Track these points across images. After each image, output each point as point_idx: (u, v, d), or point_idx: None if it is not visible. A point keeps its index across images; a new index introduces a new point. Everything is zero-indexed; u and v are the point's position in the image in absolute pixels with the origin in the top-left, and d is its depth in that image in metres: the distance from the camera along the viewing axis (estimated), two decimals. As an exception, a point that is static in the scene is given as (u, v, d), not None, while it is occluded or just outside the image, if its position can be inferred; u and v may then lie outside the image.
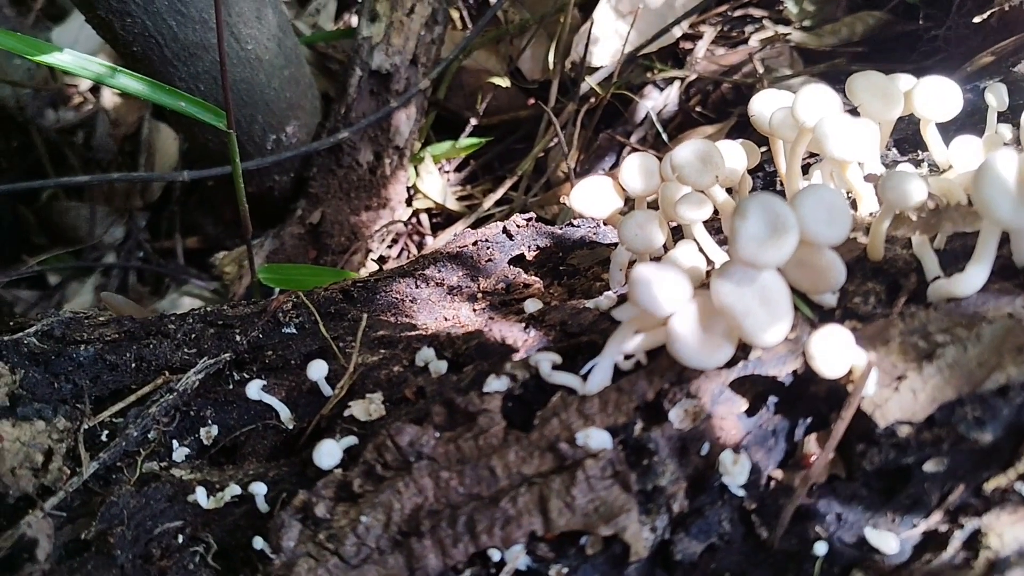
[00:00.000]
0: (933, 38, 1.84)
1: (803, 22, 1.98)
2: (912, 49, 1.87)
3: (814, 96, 0.92)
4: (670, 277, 0.75)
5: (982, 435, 0.72)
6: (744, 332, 0.75)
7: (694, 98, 1.98)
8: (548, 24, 2.13)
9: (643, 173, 1.06)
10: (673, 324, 0.77)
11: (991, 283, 0.79)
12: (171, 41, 1.56)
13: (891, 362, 0.75)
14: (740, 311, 0.75)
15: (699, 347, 0.76)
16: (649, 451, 0.79)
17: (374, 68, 1.97)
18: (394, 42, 1.99)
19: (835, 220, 0.75)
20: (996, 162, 0.71)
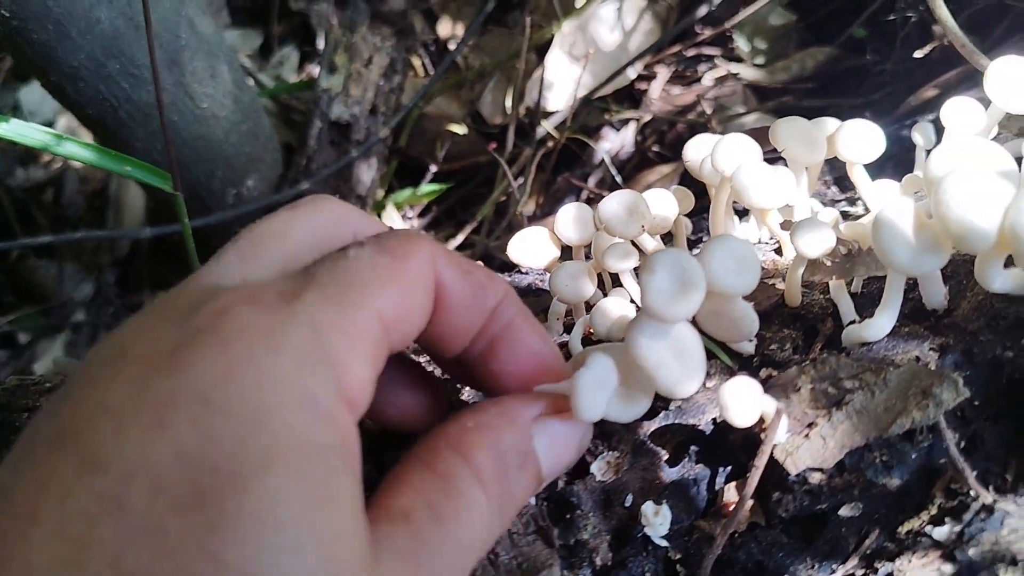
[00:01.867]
0: (880, 72, 1.87)
1: (755, 60, 2.02)
2: (861, 83, 1.90)
3: (732, 145, 0.94)
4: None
5: (889, 480, 0.73)
6: (659, 385, 0.76)
7: (650, 138, 2.01)
8: (507, 69, 2.17)
9: (577, 223, 1.07)
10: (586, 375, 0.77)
11: (902, 326, 0.81)
12: (125, 103, 1.58)
13: (802, 409, 0.76)
14: (654, 364, 0.75)
15: (616, 401, 0.77)
16: (572, 505, 0.79)
17: (333, 119, 1.99)
18: (352, 93, 2.02)
19: (744, 270, 0.76)
20: (891, 211, 0.72)
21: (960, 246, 0.70)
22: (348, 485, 0.54)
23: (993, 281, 0.73)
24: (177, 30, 1.57)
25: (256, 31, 2.48)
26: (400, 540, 0.58)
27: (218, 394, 0.50)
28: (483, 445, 0.64)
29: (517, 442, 0.66)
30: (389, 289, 0.61)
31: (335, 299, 0.58)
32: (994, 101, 0.89)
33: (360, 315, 0.59)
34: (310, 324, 0.55)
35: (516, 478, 0.65)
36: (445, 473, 0.62)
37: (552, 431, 0.68)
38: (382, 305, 0.60)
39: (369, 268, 0.62)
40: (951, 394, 0.72)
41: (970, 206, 0.68)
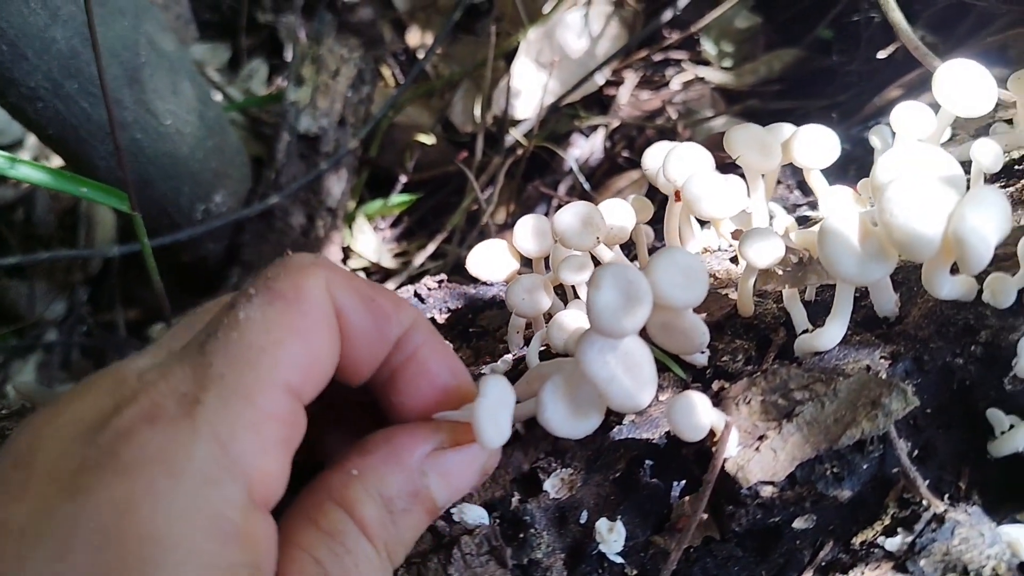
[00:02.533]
0: (847, 73, 1.87)
1: (722, 63, 2.01)
2: (828, 84, 1.90)
3: (684, 154, 0.94)
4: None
5: (840, 491, 0.72)
6: (611, 400, 0.75)
7: (619, 144, 2.00)
8: (477, 77, 2.16)
9: (535, 235, 1.07)
10: (542, 395, 0.77)
11: (853, 334, 0.80)
12: (85, 122, 1.56)
13: (752, 422, 0.75)
14: (605, 379, 0.75)
15: (567, 416, 0.76)
16: (525, 524, 0.78)
17: (301, 132, 1.98)
18: (320, 105, 2.01)
19: (691, 283, 0.75)
20: (836, 220, 0.72)
21: (905, 254, 0.70)
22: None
23: (941, 288, 0.73)
24: (136, 48, 1.55)
25: (225, 45, 2.47)
26: None
27: (117, 526, 0.50)
28: (367, 496, 0.63)
29: (404, 485, 0.65)
30: (289, 348, 0.60)
31: (236, 392, 0.57)
32: (943, 105, 0.89)
33: (266, 400, 0.57)
34: (214, 437, 0.54)
35: (403, 520, 0.65)
36: (331, 531, 0.61)
37: (447, 465, 0.67)
38: (286, 373, 0.59)
39: (263, 331, 0.59)
40: (900, 404, 0.71)
41: (914, 213, 0.68)
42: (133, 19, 1.55)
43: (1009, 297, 0.72)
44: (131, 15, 1.54)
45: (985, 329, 0.74)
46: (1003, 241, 0.71)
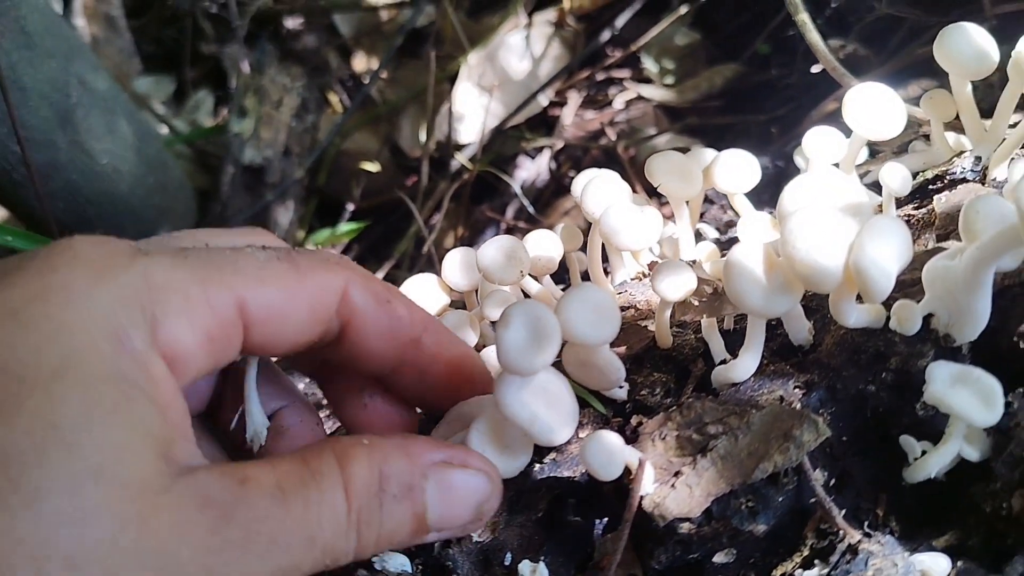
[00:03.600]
0: (786, 87, 1.89)
1: (664, 80, 2.02)
2: (768, 98, 1.91)
3: (601, 186, 0.93)
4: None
5: (755, 526, 0.72)
6: (535, 436, 0.75)
7: (565, 165, 2.00)
8: (422, 101, 2.16)
9: (463, 268, 1.06)
10: (471, 442, 0.76)
11: (768, 364, 0.80)
12: (19, 165, 1.54)
13: (667, 458, 0.75)
14: (527, 418, 0.74)
15: (497, 457, 0.76)
16: (448, 569, 0.78)
17: (246, 163, 1.97)
18: (264, 136, 2.00)
19: (602, 321, 0.75)
20: (741, 254, 0.72)
21: (808, 285, 0.70)
22: (147, 418, 0.57)
23: (848, 317, 0.73)
24: (67, 89, 1.54)
25: (169, 77, 2.45)
26: (217, 491, 0.57)
27: (27, 310, 0.55)
28: (366, 460, 0.64)
29: (404, 472, 0.65)
30: (267, 288, 0.66)
31: (191, 270, 0.62)
32: (853, 129, 0.89)
33: (213, 292, 0.63)
34: (145, 277, 0.59)
35: (390, 506, 0.64)
36: (315, 469, 0.62)
37: (449, 479, 0.68)
38: (249, 296, 0.64)
39: (255, 266, 0.66)
40: (812, 435, 0.71)
41: (815, 245, 0.68)
42: (63, 60, 1.53)
43: (915, 324, 0.73)
44: (61, 56, 1.52)
45: (895, 356, 0.74)
46: (908, 266, 0.71)
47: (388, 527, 0.65)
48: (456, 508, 0.68)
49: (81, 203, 1.68)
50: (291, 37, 2.30)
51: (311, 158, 2.02)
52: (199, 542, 0.55)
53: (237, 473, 0.59)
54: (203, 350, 0.63)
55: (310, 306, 0.69)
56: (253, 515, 0.58)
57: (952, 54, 0.88)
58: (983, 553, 0.68)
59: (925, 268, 0.73)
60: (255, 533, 0.57)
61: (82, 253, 0.59)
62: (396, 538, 0.66)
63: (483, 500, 0.70)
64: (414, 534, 0.67)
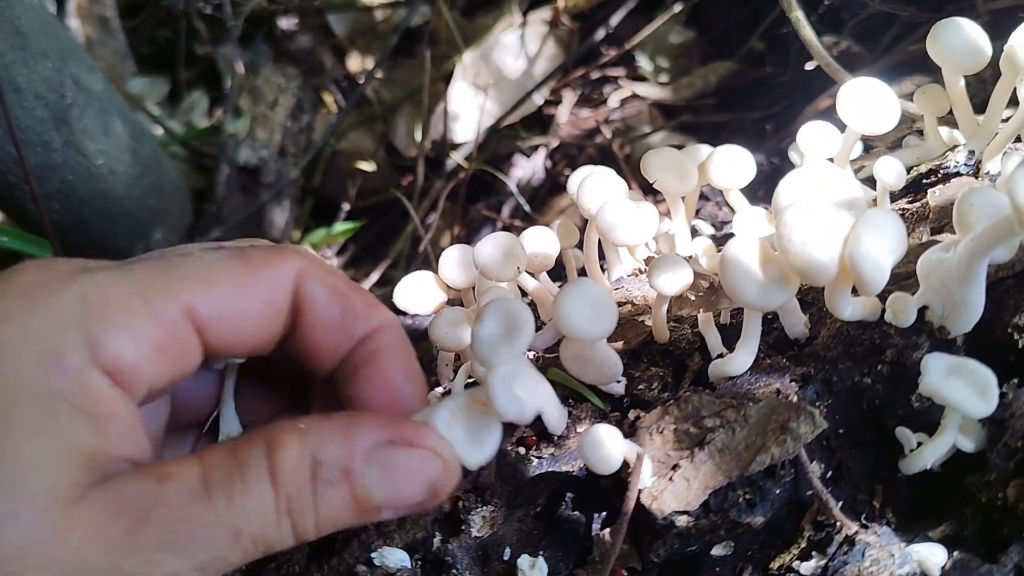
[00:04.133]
0: (780, 84, 1.89)
1: (659, 78, 2.03)
2: (762, 96, 1.92)
3: (596, 183, 0.94)
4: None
5: (753, 518, 0.72)
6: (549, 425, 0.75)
7: (560, 163, 2.01)
8: (417, 101, 2.16)
9: (461, 266, 1.06)
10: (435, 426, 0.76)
11: (765, 358, 0.80)
12: (14, 166, 1.54)
13: (665, 452, 0.75)
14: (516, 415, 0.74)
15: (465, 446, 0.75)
16: (448, 564, 0.78)
17: (241, 163, 1.97)
18: (259, 136, 2.00)
19: (599, 315, 0.75)
20: (736, 248, 0.72)
21: (804, 279, 0.70)
22: (73, 433, 0.58)
23: (843, 310, 0.73)
24: (62, 90, 1.53)
25: (164, 78, 2.45)
26: (132, 495, 0.58)
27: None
28: (297, 448, 0.63)
29: (339, 457, 0.64)
30: (215, 290, 0.65)
31: (132, 283, 0.62)
32: (848, 124, 0.90)
33: (155, 302, 0.63)
34: (81, 295, 0.60)
35: (325, 491, 0.63)
36: (242, 459, 0.62)
37: (392, 460, 0.65)
38: (197, 302, 0.64)
39: (201, 268, 0.66)
40: (808, 427, 0.72)
41: (810, 239, 0.68)
42: (58, 61, 1.53)
43: (910, 316, 0.73)
44: (55, 57, 1.52)
45: (890, 348, 0.75)
46: (903, 259, 0.72)
47: (325, 512, 0.64)
48: (404, 488, 0.66)
49: (76, 204, 1.68)
50: (286, 37, 2.30)
51: (306, 158, 2.02)
52: (111, 547, 0.56)
53: (157, 473, 0.59)
54: (152, 361, 0.63)
55: (265, 301, 0.68)
56: (170, 514, 0.58)
57: (945, 49, 0.89)
58: (979, 543, 0.69)
59: (919, 261, 0.73)
60: (172, 532, 0.57)
61: (24, 278, 0.61)
62: (338, 521, 0.65)
63: (434, 479, 0.67)
64: (359, 515, 0.65)
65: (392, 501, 0.66)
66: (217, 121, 2.39)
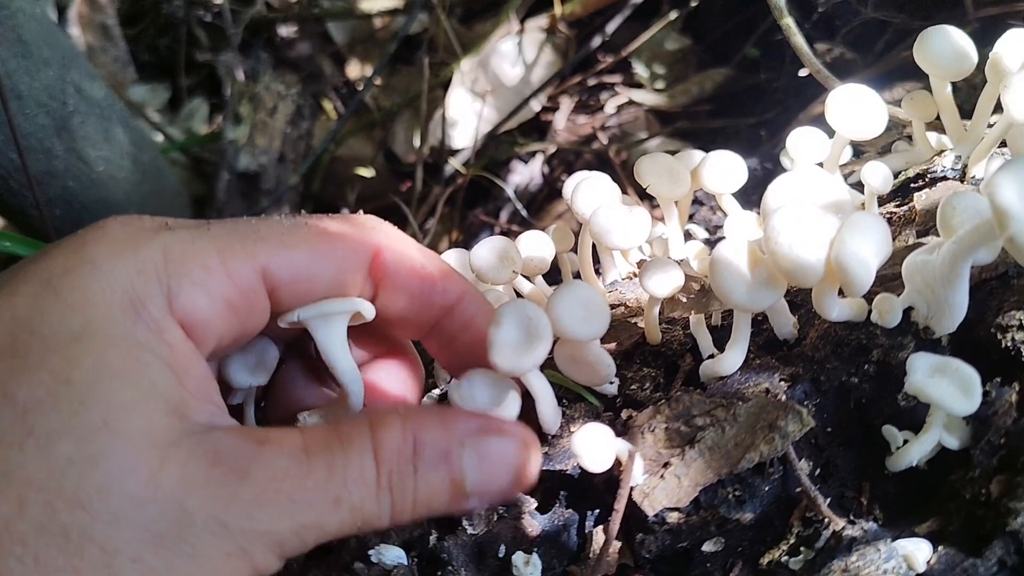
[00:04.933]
0: (775, 90, 1.91)
1: (655, 85, 2.05)
2: (758, 101, 1.93)
3: (591, 187, 0.95)
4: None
5: (743, 514, 0.74)
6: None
7: (558, 169, 2.02)
8: (416, 108, 2.18)
9: (457, 269, 1.08)
10: (463, 393, 0.77)
11: (755, 358, 0.82)
12: (16, 173, 1.55)
13: (657, 450, 0.77)
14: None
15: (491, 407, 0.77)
16: (443, 561, 0.79)
17: (241, 170, 1.99)
18: (259, 143, 2.02)
19: (592, 317, 0.77)
20: (725, 250, 0.74)
21: (791, 280, 0.72)
22: (157, 380, 0.61)
23: (830, 311, 0.75)
24: (64, 97, 1.55)
25: (164, 85, 2.47)
26: (231, 449, 0.60)
27: (59, 280, 0.61)
28: (399, 428, 0.66)
29: (439, 440, 0.67)
30: (291, 251, 0.69)
31: (211, 241, 0.66)
32: (836, 129, 0.91)
33: (232, 261, 0.66)
34: (164, 251, 0.64)
35: (426, 472, 0.66)
36: (344, 435, 0.65)
37: (486, 447, 0.69)
38: (272, 262, 0.68)
39: (278, 231, 0.69)
40: (796, 425, 0.73)
41: (797, 241, 0.70)
42: (59, 68, 1.55)
43: (896, 316, 0.75)
44: (57, 64, 1.54)
45: (876, 348, 0.76)
46: (889, 261, 0.73)
47: (424, 493, 0.66)
48: (494, 474, 0.69)
49: (77, 210, 1.69)
50: (285, 45, 2.33)
51: (306, 164, 2.04)
52: (209, 495, 0.58)
53: (257, 435, 0.62)
54: (222, 317, 0.66)
55: (338, 267, 0.72)
56: (270, 474, 0.60)
57: (931, 56, 0.90)
58: (963, 538, 0.70)
59: (905, 263, 0.75)
60: (272, 491, 0.60)
61: (111, 231, 0.64)
62: (434, 504, 0.68)
63: (520, 465, 0.71)
64: (453, 500, 0.68)
65: (483, 486, 0.69)
66: (217, 128, 2.41)
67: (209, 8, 2.46)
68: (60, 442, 0.56)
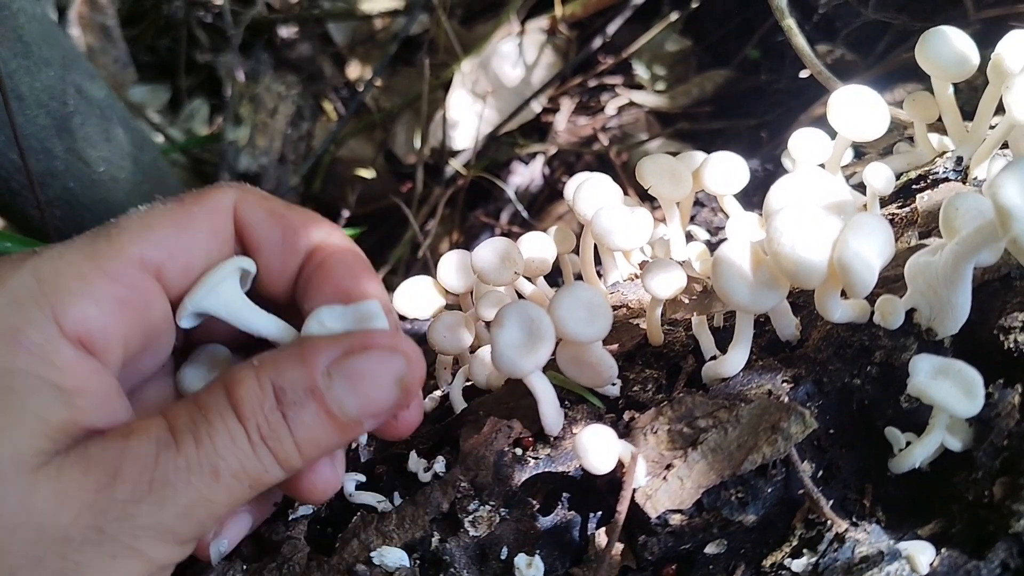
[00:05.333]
0: (776, 91, 1.91)
1: (656, 86, 2.05)
2: (758, 103, 1.93)
3: (592, 188, 0.95)
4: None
5: (745, 516, 0.74)
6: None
7: (558, 170, 2.02)
8: (417, 109, 2.18)
9: (459, 270, 1.08)
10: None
11: (757, 359, 0.82)
12: (16, 173, 1.55)
13: (659, 451, 0.77)
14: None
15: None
16: (446, 563, 0.79)
17: (241, 171, 1.99)
18: (259, 144, 2.02)
19: (594, 318, 0.77)
20: (728, 251, 0.74)
21: (794, 281, 0.72)
22: (33, 404, 0.60)
23: (833, 312, 0.75)
24: (64, 98, 1.55)
25: (164, 86, 2.47)
26: (100, 453, 0.60)
27: None
28: (252, 380, 0.64)
29: (300, 379, 0.65)
30: (158, 232, 0.68)
31: (77, 250, 0.65)
32: (838, 130, 0.91)
33: (104, 260, 0.65)
34: (34, 273, 0.62)
35: (296, 415, 0.64)
36: (201, 402, 0.64)
37: (353, 367, 0.66)
38: (142, 248, 0.67)
39: (138, 218, 0.69)
40: (799, 427, 0.73)
41: (800, 242, 0.70)
42: (60, 69, 1.54)
43: (898, 318, 0.75)
44: (57, 65, 1.54)
45: (879, 350, 0.76)
46: (891, 263, 0.73)
47: (302, 433, 0.65)
48: (373, 391, 0.66)
49: (78, 210, 1.69)
50: (285, 46, 2.33)
51: (306, 165, 2.03)
52: (83, 505, 0.58)
53: (122, 431, 0.62)
54: (118, 319, 0.65)
55: (207, 232, 0.71)
56: (140, 466, 0.60)
57: (933, 57, 0.90)
58: (966, 540, 0.70)
59: (907, 264, 0.75)
60: (145, 482, 0.59)
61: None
62: (321, 441, 0.66)
63: (400, 373, 0.67)
64: (340, 432, 0.66)
65: (367, 407, 0.66)
66: (217, 129, 2.41)
67: (209, 9, 2.46)
68: None
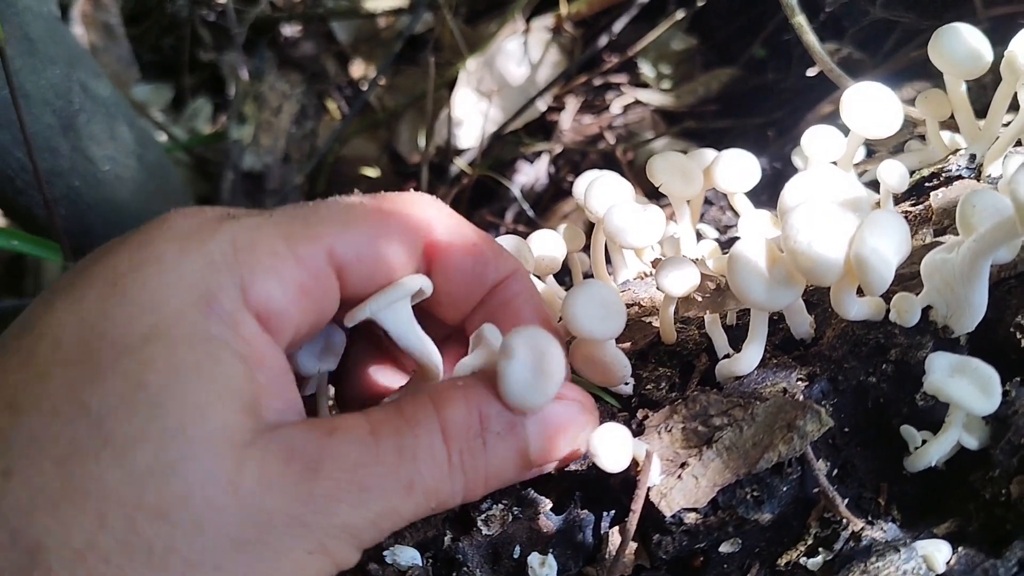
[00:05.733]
0: (782, 90, 1.91)
1: (661, 84, 2.04)
2: (765, 101, 1.93)
3: (604, 186, 0.95)
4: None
5: (761, 515, 0.73)
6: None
7: (564, 169, 2.02)
8: (421, 108, 2.17)
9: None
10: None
11: (771, 357, 0.81)
12: (21, 172, 1.55)
13: (674, 450, 0.76)
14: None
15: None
16: (458, 562, 0.79)
17: (245, 169, 1.99)
18: (263, 142, 2.01)
19: (608, 316, 0.77)
20: (744, 248, 0.73)
21: (810, 278, 0.71)
22: (233, 376, 0.59)
23: (849, 310, 0.75)
24: (69, 95, 1.54)
25: (168, 84, 2.47)
26: (302, 444, 0.59)
27: (125, 280, 0.59)
28: (463, 403, 0.65)
29: (503, 411, 0.66)
30: (352, 231, 0.67)
31: (275, 227, 0.64)
32: (851, 127, 0.91)
33: (298, 245, 0.64)
34: (232, 241, 0.62)
35: (494, 444, 0.65)
36: (410, 417, 0.64)
37: (545, 413, 0.68)
38: (336, 242, 0.66)
39: (339, 211, 0.68)
40: (815, 425, 0.73)
41: (816, 238, 0.69)
42: (65, 67, 1.54)
43: (914, 316, 0.74)
44: (63, 63, 1.53)
45: (895, 348, 0.76)
46: (907, 260, 0.73)
47: (495, 467, 0.66)
48: (555, 440, 0.69)
49: (83, 209, 1.69)
50: (289, 44, 2.32)
51: (310, 164, 2.03)
52: (286, 494, 0.57)
53: (325, 425, 0.61)
54: (297, 304, 0.64)
55: (400, 243, 0.70)
56: (342, 465, 0.59)
57: (946, 54, 0.90)
58: (983, 539, 0.70)
59: (923, 261, 0.74)
60: (345, 482, 0.59)
61: (175, 225, 0.63)
62: (504, 476, 0.68)
63: (579, 429, 0.71)
64: (520, 470, 0.68)
65: (544, 454, 0.69)
66: (221, 127, 2.41)
67: (213, 7, 2.45)
68: (137, 451, 0.54)
